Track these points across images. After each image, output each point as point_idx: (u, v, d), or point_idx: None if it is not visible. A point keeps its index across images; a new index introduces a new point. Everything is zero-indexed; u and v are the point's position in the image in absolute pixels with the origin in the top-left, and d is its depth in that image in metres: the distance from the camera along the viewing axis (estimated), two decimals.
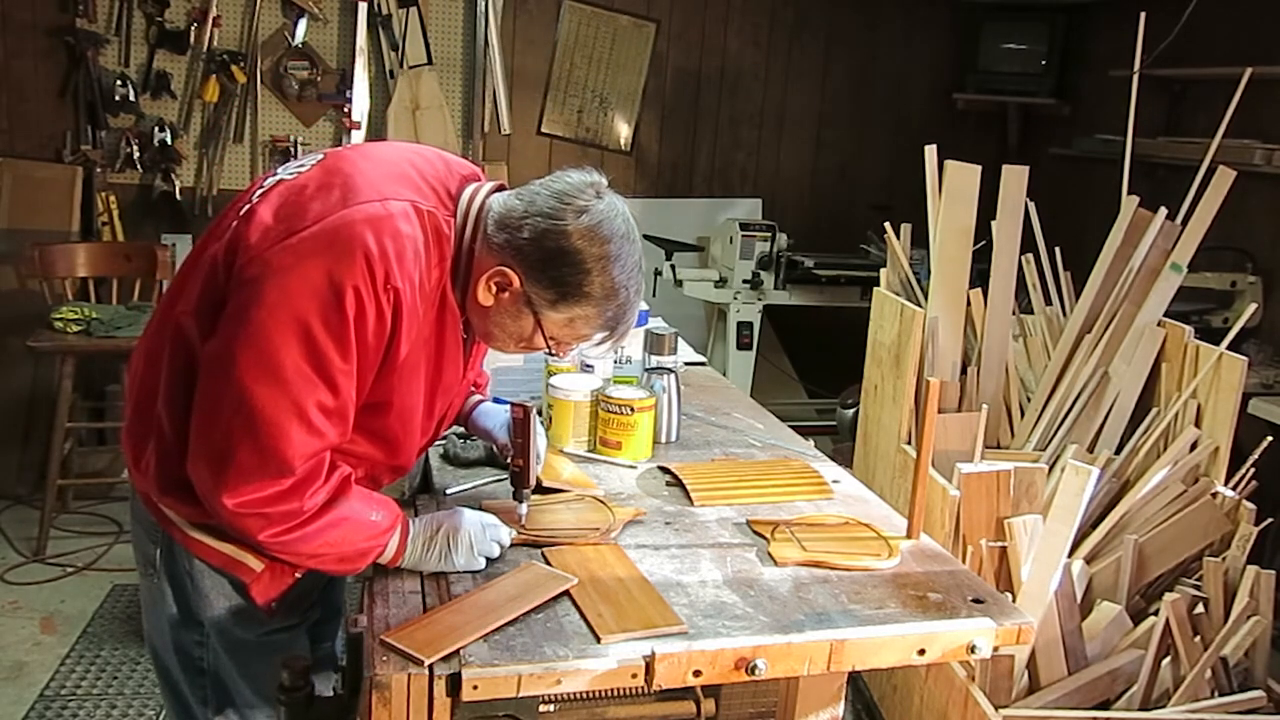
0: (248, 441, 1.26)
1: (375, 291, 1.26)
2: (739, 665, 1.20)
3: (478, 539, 1.40)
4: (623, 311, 1.42)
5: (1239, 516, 2.39)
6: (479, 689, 1.13)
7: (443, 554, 1.39)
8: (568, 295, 1.37)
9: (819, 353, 4.73)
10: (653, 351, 1.98)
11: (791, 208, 4.84)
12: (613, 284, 1.38)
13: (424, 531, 1.40)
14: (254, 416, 1.25)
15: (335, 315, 1.25)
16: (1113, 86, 3.95)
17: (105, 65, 3.93)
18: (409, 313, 1.31)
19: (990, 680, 2.19)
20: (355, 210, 1.29)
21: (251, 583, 1.45)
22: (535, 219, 1.36)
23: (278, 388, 1.25)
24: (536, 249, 1.35)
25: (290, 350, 1.25)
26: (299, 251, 1.26)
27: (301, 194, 1.34)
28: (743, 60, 4.71)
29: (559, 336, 1.43)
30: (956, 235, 2.67)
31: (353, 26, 4.08)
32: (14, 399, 3.91)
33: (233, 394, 1.26)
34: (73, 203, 3.93)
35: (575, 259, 1.35)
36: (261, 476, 1.26)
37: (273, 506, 1.28)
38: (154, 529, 1.48)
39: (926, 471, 1.47)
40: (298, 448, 1.27)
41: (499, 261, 1.37)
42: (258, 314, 1.25)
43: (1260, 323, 3.41)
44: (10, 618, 3.11)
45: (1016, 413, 2.80)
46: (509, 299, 1.39)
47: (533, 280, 1.37)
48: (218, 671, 1.55)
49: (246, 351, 1.25)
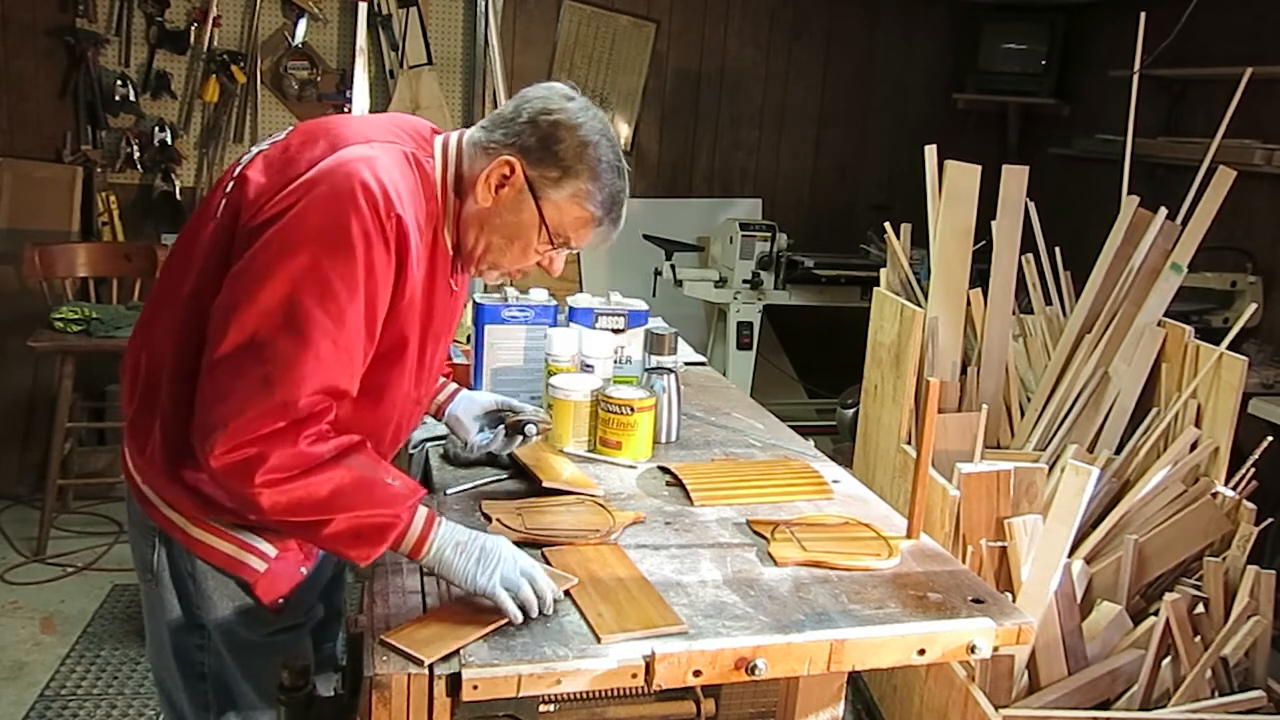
0: (249, 374, 1.24)
1: (379, 223, 1.28)
2: (739, 665, 1.20)
3: (506, 561, 1.32)
4: (617, 191, 1.45)
5: (1239, 516, 2.39)
6: (479, 689, 1.13)
7: (476, 564, 1.30)
8: (570, 168, 1.40)
9: (819, 353, 4.73)
10: (653, 351, 1.98)
11: (791, 208, 4.84)
12: (608, 160, 1.42)
13: (455, 535, 1.33)
14: (258, 353, 1.24)
15: (340, 251, 1.26)
16: (1113, 86, 3.95)
17: (105, 65, 3.93)
18: (413, 246, 1.32)
19: (990, 680, 2.19)
20: (345, 153, 1.32)
21: (255, 583, 1.45)
22: (529, 107, 1.42)
23: (283, 324, 1.24)
24: (535, 130, 1.40)
25: (295, 288, 1.25)
26: (297, 195, 1.29)
27: (287, 152, 1.37)
28: (743, 60, 4.71)
29: (560, 227, 1.44)
30: (956, 235, 2.67)
31: (353, 26, 4.08)
32: (14, 399, 3.91)
33: (236, 335, 1.25)
34: (73, 203, 3.93)
35: (573, 133, 1.40)
36: (260, 407, 1.22)
37: (269, 444, 1.23)
38: (151, 532, 1.47)
39: (926, 471, 1.47)
40: (301, 382, 1.24)
41: (498, 155, 1.41)
42: (262, 257, 1.26)
43: (1260, 323, 3.41)
44: (10, 618, 3.11)
45: (1016, 413, 2.80)
46: (510, 193, 1.42)
47: (534, 162, 1.41)
48: (220, 675, 1.53)
49: (251, 294, 1.25)
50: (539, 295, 2.18)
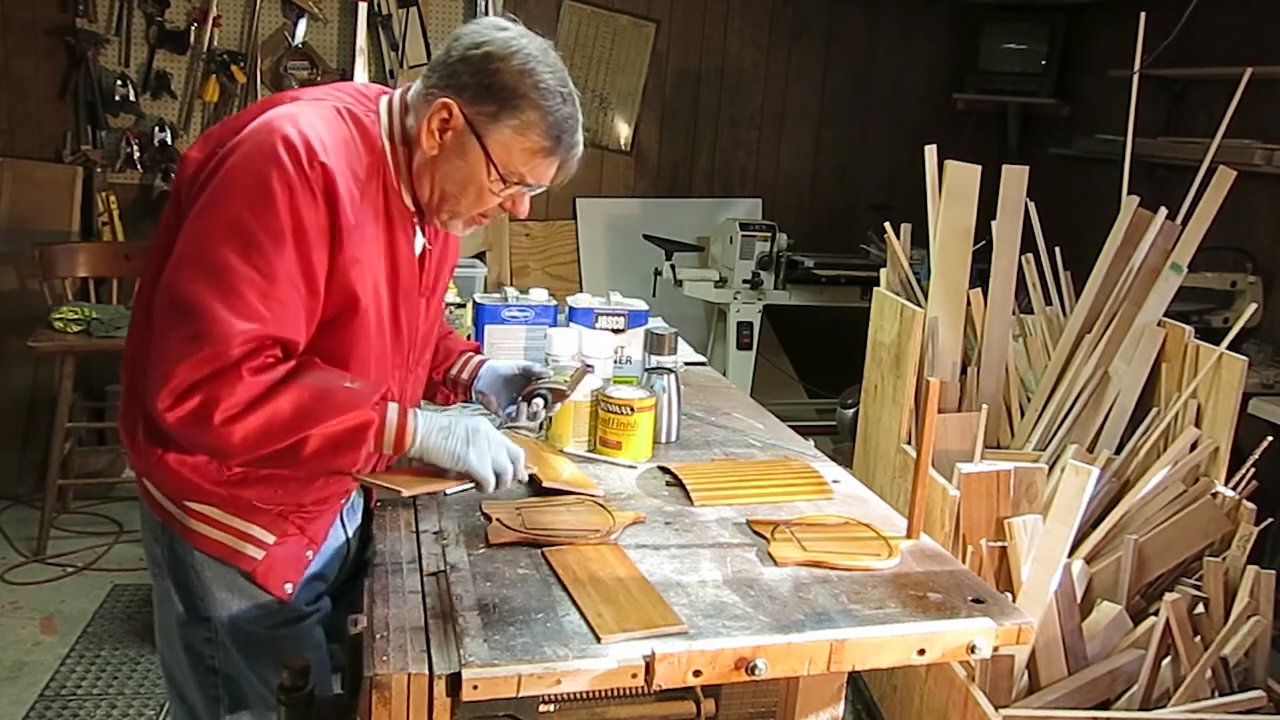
0: (180, 332, 1.25)
1: (303, 173, 1.28)
2: (739, 665, 1.20)
3: (494, 444, 1.43)
4: (563, 118, 1.40)
5: (1239, 516, 2.39)
6: (479, 689, 1.12)
7: (465, 443, 1.41)
8: (506, 100, 1.37)
9: (819, 353, 4.73)
10: (653, 351, 1.98)
11: (791, 208, 4.84)
12: (546, 85, 1.38)
13: (436, 421, 1.40)
14: (187, 309, 1.25)
15: (262, 204, 1.26)
16: (1113, 86, 3.95)
17: (105, 65, 3.93)
18: (344, 194, 1.31)
19: (990, 680, 2.19)
20: (271, 113, 1.34)
21: (254, 571, 1.45)
22: (458, 45, 1.40)
23: (208, 280, 1.25)
24: (467, 66, 1.38)
25: (219, 243, 1.26)
26: (224, 160, 1.31)
27: (224, 126, 1.40)
28: (743, 60, 4.71)
29: (510, 164, 1.41)
30: (956, 235, 2.67)
31: (353, 26, 4.09)
32: (14, 399, 3.91)
33: (167, 294, 1.28)
34: (73, 203, 3.93)
35: (507, 62, 1.37)
36: (192, 360, 1.24)
37: (213, 387, 1.24)
38: (155, 525, 1.49)
39: (926, 471, 1.47)
40: (231, 335, 1.25)
41: (436, 99, 1.39)
42: (194, 222, 1.29)
43: (1260, 323, 3.41)
44: (10, 618, 3.11)
45: (1016, 413, 2.80)
46: (453, 136, 1.39)
47: (470, 99, 1.38)
48: (229, 670, 1.53)
49: (180, 256, 1.28)
50: (539, 295, 2.18)
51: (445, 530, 1.45)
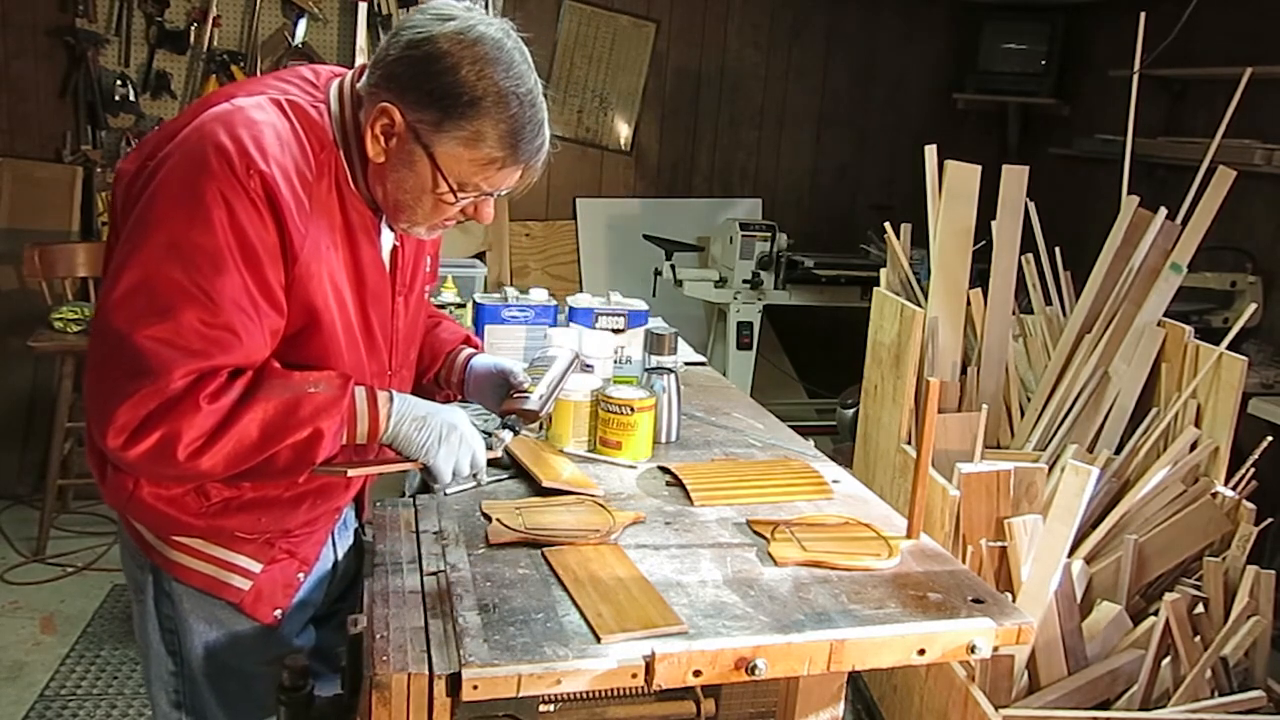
0: (115, 365, 1.15)
1: (238, 183, 1.16)
2: (739, 665, 1.20)
3: (465, 445, 1.37)
4: (519, 125, 1.25)
5: (1239, 516, 2.39)
6: (479, 689, 1.12)
7: (438, 441, 1.34)
8: (450, 108, 1.22)
9: (819, 353, 4.74)
10: (653, 351, 1.98)
11: (791, 208, 4.84)
12: (498, 88, 1.22)
13: (414, 410, 1.33)
14: (120, 340, 1.14)
15: (198, 222, 1.15)
16: (1113, 86, 3.95)
17: (105, 65, 3.93)
18: (289, 202, 1.19)
19: (990, 680, 2.19)
20: (204, 116, 1.21)
21: (241, 603, 1.39)
22: (399, 40, 1.25)
23: (147, 306, 1.14)
24: (406, 66, 1.23)
25: (158, 269, 1.15)
26: (155, 173, 1.19)
27: (159, 132, 1.29)
28: (743, 60, 4.71)
29: (462, 175, 1.27)
30: (956, 235, 2.67)
31: (353, 26, 4.08)
32: (14, 399, 3.91)
33: (102, 327, 1.16)
34: (73, 203, 3.93)
35: (446, 61, 1.21)
36: (135, 391, 1.13)
37: (170, 420, 1.14)
38: (138, 554, 1.42)
39: (926, 471, 1.47)
40: (172, 366, 1.14)
41: (376, 102, 1.25)
42: (125, 244, 1.18)
43: (1260, 323, 3.41)
44: (10, 618, 3.11)
45: (1016, 413, 2.80)
46: (398, 145, 1.26)
47: (411, 105, 1.23)
48: (195, 705, 1.45)
49: (118, 283, 1.16)
50: (539, 295, 2.18)
51: (445, 530, 1.45)
